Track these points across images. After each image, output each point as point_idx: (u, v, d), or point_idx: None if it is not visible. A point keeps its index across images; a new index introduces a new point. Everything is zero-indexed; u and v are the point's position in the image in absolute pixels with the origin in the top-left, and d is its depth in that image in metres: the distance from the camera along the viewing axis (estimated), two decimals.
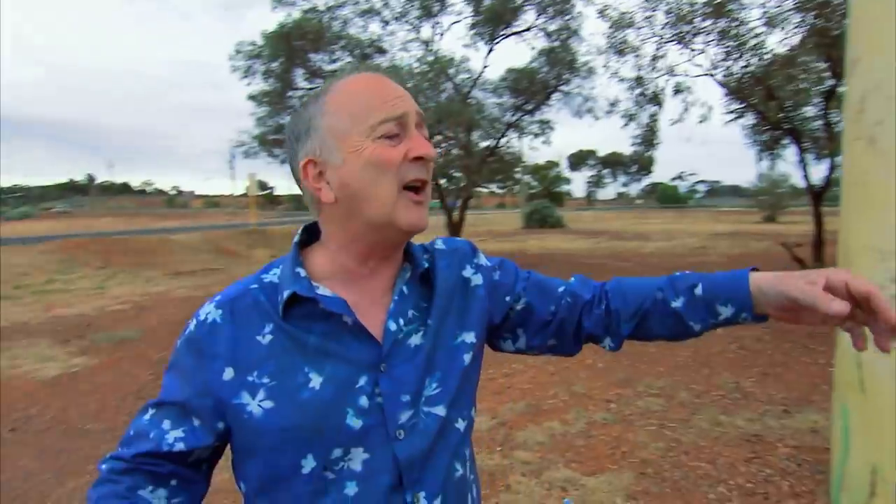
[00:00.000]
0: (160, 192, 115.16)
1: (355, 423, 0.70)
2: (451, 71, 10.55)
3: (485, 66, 11.63)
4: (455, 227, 12.03)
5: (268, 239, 18.35)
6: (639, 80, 7.52)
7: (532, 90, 11.57)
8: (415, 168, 0.71)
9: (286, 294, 0.71)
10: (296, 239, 0.78)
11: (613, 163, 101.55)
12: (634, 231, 23.53)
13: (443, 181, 13.32)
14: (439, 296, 0.79)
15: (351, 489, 0.70)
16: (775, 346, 5.29)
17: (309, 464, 0.69)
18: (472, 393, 0.82)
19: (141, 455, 0.72)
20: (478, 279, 0.84)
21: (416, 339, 0.76)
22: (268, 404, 0.69)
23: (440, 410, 0.75)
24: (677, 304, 0.78)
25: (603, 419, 3.64)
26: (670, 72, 7.20)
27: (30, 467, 3.28)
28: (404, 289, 0.78)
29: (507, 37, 11.27)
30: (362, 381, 0.71)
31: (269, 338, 0.71)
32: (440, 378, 0.76)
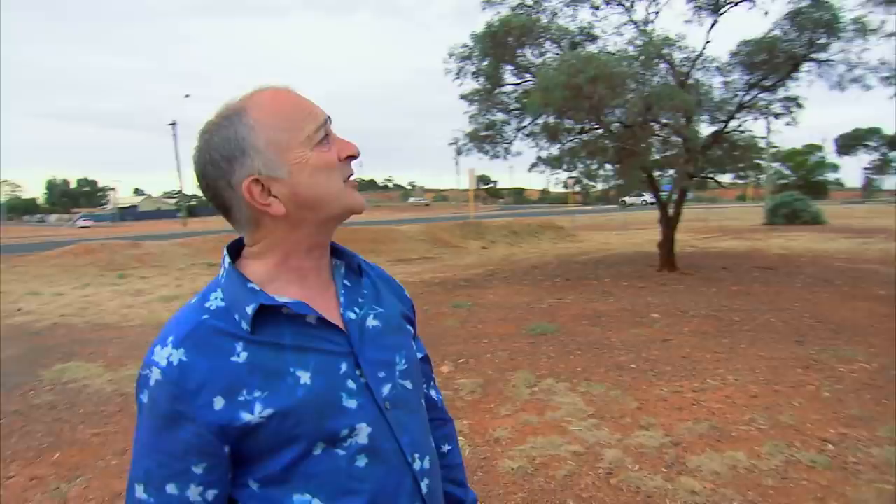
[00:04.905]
0: (399, 187, 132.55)
1: (351, 403, 0.77)
2: (666, 51, 9.54)
3: (706, 42, 10.15)
4: (670, 223, 10.86)
5: (481, 230, 19.37)
6: None
7: (774, 62, 9.75)
8: (347, 166, 0.80)
9: (252, 308, 0.74)
10: (228, 261, 0.79)
11: None
12: None
13: (657, 173, 12.17)
14: (375, 286, 0.90)
15: (361, 461, 0.77)
16: None
17: (320, 446, 0.75)
18: (420, 372, 0.94)
19: None
20: (405, 308, 0.97)
21: (371, 322, 0.84)
22: (269, 412, 0.71)
23: (408, 384, 0.86)
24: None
25: (811, 461, 2.95)
26: None
27: None
28: (346, 282, 0.86)
29: (735, 4, 9.72)
30: (344, 366, 0.78)
31: (244, 355, 0.73)
32: (404, 356, 0.87)
